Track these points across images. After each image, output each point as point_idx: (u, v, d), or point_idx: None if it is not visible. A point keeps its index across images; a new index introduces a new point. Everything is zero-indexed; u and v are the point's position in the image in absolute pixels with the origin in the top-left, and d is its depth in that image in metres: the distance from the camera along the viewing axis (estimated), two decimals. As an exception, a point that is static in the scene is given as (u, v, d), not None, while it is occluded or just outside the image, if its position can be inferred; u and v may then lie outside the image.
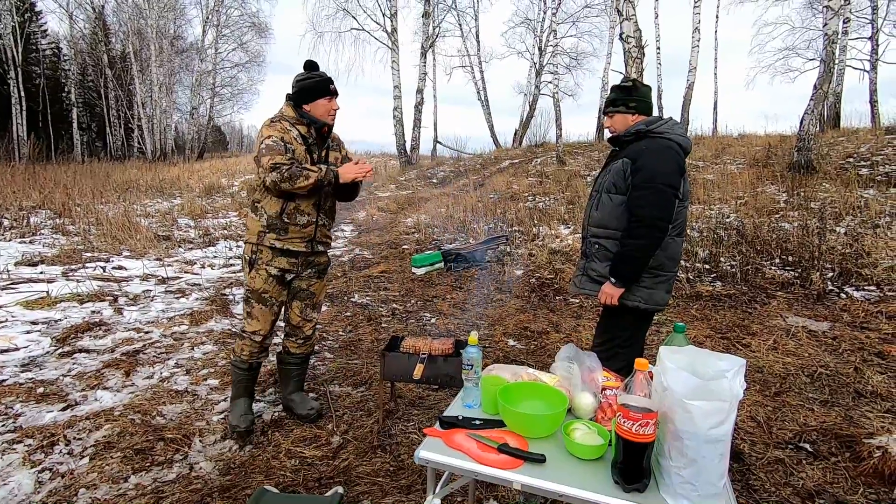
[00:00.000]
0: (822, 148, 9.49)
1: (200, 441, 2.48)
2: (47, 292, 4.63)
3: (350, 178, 2.41)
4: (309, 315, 2.68)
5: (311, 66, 2.47)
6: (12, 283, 4.95)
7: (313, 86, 2.41)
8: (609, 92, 2.29)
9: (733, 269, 5.18)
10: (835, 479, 2.21)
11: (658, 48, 16.88)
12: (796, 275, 4.96)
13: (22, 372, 3.19)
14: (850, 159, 8.80)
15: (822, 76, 8.15)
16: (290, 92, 2.47)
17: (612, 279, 2.09)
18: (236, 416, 2.53)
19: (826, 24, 8.26)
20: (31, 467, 2.25)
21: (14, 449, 2.36)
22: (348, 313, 4.53)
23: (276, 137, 2.32)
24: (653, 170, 2.00)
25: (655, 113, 2.34)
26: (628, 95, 2.19)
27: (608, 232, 2.15)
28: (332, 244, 3.62)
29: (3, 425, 2.57)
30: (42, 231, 7.36)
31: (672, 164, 2.02)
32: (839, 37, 8.20)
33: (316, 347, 3.76)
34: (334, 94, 2.45)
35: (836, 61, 10.82)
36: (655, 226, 1.98)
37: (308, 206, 2.44)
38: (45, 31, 24.65)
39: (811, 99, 8.22)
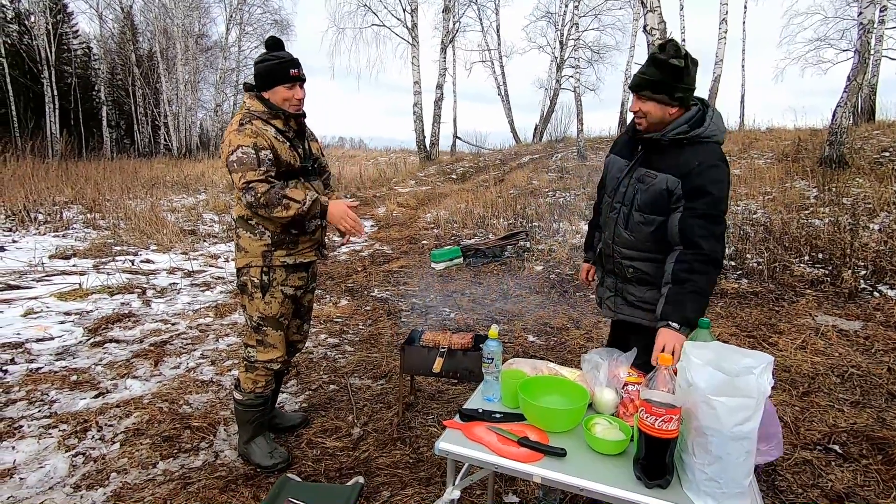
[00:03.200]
0: (855, 142, 9.16)
1: (225, 430, 2.55)
2: (80, 284, 4.79)
3: (340, 225, 2.05)
4: (306, 329, 2.48)
5: (273, 44, 2.08)
6: (47, 276, 5.14)
7: (269, 70, 2.02)
8: (647, 65, 1.73)
9: (760, 267, 5.05)
10: (866, 482, 2.15)
11: (683, 40, 16.50)
12: (826, 272, 4.81)
13: (56, 360, 3.31)
14: (886, 153, 8.47)
15: (857, 67, 7.86)
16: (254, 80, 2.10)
17: (677, 325, 1.60)
18: (262, 454, 2.25)
19: (861, 13, 7.95)
20: (66, 451, 2.34)
21: (49, 434, 2.46)
22: (368, 307, 4.57)
23: (246, 147, 1.94)
24: (717, 196, 1.66)
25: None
26: (678, 80, 1.67)
27: (644, 255, 1.84)
28: (353, 239, 3.56)
29: (39, 411, 2.68)
30: (74, 225, 7.61)
31: (728, 182, 1.72)
32: (875, 26, 7.89)
33: (336, 340, 3.81)
34: (297, 79, 2.05)
35: (872, 51, 10.42)
36: (718, 260, 1.67)
37: None
38: (77, 31, 25.34)
39: (844, 91, 7.94)
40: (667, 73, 1.67)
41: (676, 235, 1.71)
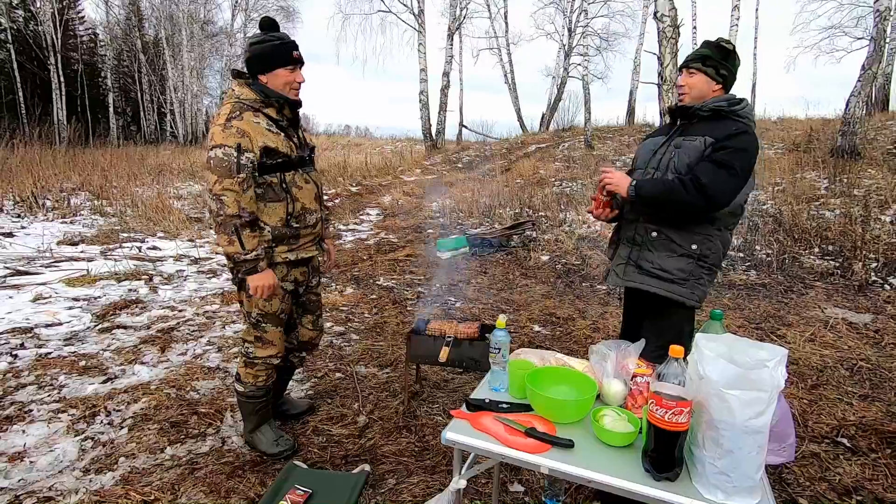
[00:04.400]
0: (868, 132, 9.02)
1: (232, 416, 2.56)
2: (87, 270, 4.82)
3: (253, 290, 1.97)
4: (321, 325, 2.44)
5: (269, 24, 1.97)
6: (55, 262, 5.17)
7: (271, 51, 1.91)
8: (700, 47, 1.92)
9: (769, 258, 5.00)
10: (874, 475, 2.13)
11: (694, 27, 16.23)
12: (837, 264, 4.75)
13: (65, 346, 3.34)
14: (900, 144, 8.33)
15: (872, 56, 7.70)
16: (245, 63, 1.98)
17: (633, 190, 1.79)
18: (268, 442, 2.24)
19: (878, 0, 7.76)
20: (75, 436, 2.36)
21: (59, 418, 2.49)
22: (374, 296, 4.57)
23: (229, 148, 1.84)
24: (740, 152, 1.74)
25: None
26: (725, 59, 1.84)
27: (671, 219, 1.84)
28: (359, 228, 3.55)
29: (48, 395, 2.71)
30: (82, 212, 7.65)
31: (755, 155, 1.80)
32: (892, 13, 7.70)
33: (342, 329, 3.81)
34: (299, 62, 1.96)
35: (888, 40, 10.19)
36: (710, 202, 1.71)
37: (312, 201, 2.09)
38: (83, 17, 25.28)
39: (858, 80, 7.79)
40: (717, 50, 1.85)
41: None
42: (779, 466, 2.18)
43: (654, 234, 1.87)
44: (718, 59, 1.84)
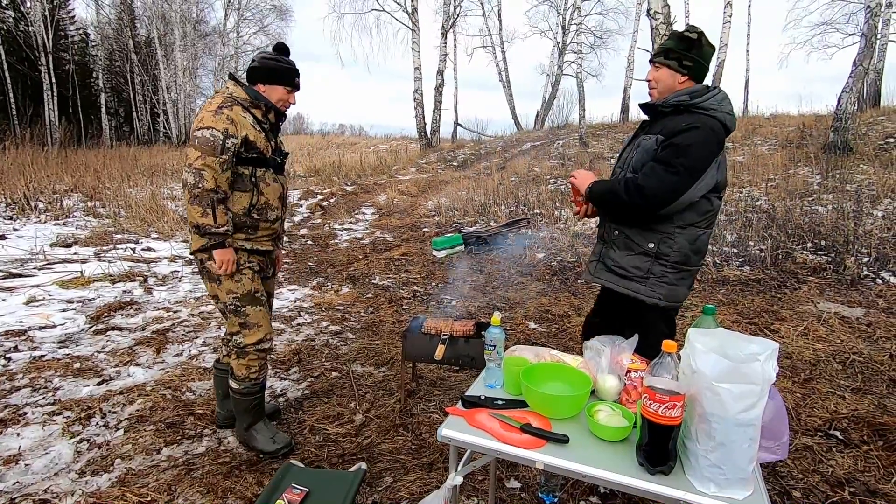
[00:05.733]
0: (860, 128, 9.08)
1: (228, 416, 2.56)
2: (81, 272, 4.79)
3: (217, 263, 2.05)
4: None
5: (283, 49, 2.22)
6: (48, 264, 5.14)
7: (282, 71, 2.16)
8: (666, 39, 1.91)
9: (762, 254, 5.03)
10: (866, 467, 2.16)
11: (687, 24, 16.26)
12: (829, 259, 4.79)
13: (59, 348, 3.33)
14: (891, 139, 8.40)
15: (863, 52, 7.75)
16: (247, 71, 2.19)
17: (587, 191, 1.92)
18: (264, 440, 2.26)
19: (869, -4, 7.82)
20: (70, 438, 2.35)
21: (54, 420, 2.48)
22: (370, 295, 4.57)
23: (216, 130, 1.98)
24: (683, 150, 1.72)
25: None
26: (688, 49, 1.81)
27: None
28: (354, 227, 3.56)
29: (43, 398, 2.69)
30: (75, 213, 7.60)
31: (708, 150, 1.74)
32: (882, 9, 7.76)
33: (338, 328, 3.81)
34: (297, 88, 2.22)
35: (879, 36, 10.26)
36: (649, 203, 1.74)
37: (276, 199, 2.20)
38: (73, 17, 25.03)
39: (850, 76, 7.84)
40: (679, 42, 1.83)
41: None
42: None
43: (616, 232, 1.95)
44: (681, 51, 1.82)
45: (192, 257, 2.21)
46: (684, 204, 1.76)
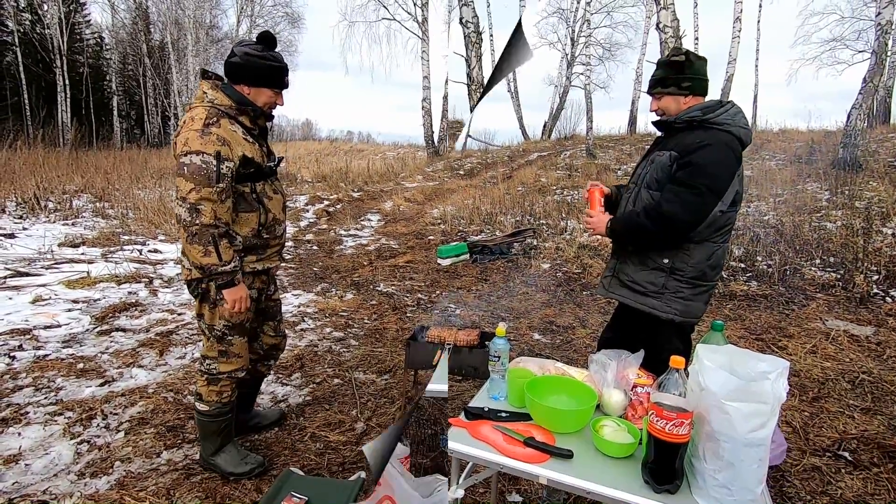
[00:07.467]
0: (869, 144, 9.04)
1: (229, 421, 2.54)
2: (87, 272, 4.82)
3: (230, 304, 1.89)
4: (282, 329, 2.37)
5: (268, 40, 1.90)
6: (56, 263, 5.17)
7: (267, 71, 1.88)
8: (655, 69, 1.92)
9: (770, 269, 4.99)
10: (876, 490, 2.11)
11: (696, 39, 16.32)
12: (838, 276, 4.74)
13: (63, 347, 3.33)
14: (901, 157, 8.34)
15: (873, 69, 7.73)
16: (227, 65, 1.89)
17: (609, 233, 1.91)
18: (234, 462, 2.10)
19: (879, 13, 7.81)
20: (71, 439, 2.35)
21: (55, 421, 2.47)
22: (374, 302, 4.56)
23: (207, 156, 1.75)
24: (702, 169, 1.71)
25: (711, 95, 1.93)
26: (680, 73, 1.83)
27: None
28: (360, 234, 3.54)
29: (45, 398, 2.69)
30: (83, 214, 7.66)
31: (726, 167, 1.73)
32: (893, 27, 7.74)
33: (341, 334, 3.80)
34: (285, 87, 1.98)
35: (889, 53, 10.24)
36: (678, 228, 1.74)
37: (280, 211, 2.06)
38: (89, 20, 25.45)
39: (860, 93, 7.81)
40: (670, 68, 1.86)
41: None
42: (777, 473, 2.16)
43: (631, 248, 1.95)
44: (676, 76, 1.84)
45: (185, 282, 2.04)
46: (711, 219, 1.76)
